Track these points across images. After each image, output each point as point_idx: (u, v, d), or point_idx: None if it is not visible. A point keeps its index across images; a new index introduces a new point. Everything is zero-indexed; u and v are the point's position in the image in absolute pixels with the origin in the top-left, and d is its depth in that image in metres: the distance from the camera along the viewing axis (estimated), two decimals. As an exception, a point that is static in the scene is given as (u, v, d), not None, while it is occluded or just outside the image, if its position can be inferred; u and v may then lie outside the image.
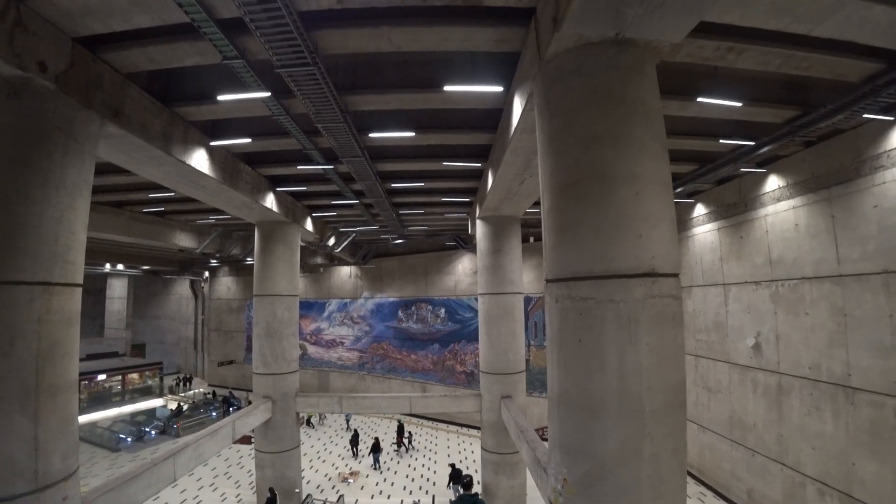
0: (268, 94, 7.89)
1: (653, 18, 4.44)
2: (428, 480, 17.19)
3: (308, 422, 24.80)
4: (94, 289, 42.25)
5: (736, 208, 14.11)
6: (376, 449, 19.13)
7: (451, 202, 16.71)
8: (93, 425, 24.62)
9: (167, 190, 14.38)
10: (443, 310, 25.80)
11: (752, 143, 10.47)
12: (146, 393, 31.47)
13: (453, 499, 15.31)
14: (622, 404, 4.47)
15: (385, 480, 17.38)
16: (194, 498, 16.08)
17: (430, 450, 20.76)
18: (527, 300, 18.34)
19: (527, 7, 5.97)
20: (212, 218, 19.96)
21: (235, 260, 28.56)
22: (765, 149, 10.35)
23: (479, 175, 13.52)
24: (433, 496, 14.16)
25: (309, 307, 31.49)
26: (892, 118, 8.81)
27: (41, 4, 5.95)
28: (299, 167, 12.02)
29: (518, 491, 14.48)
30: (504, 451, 14.20)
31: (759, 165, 12.41)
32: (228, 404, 27.45)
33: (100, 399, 28.77)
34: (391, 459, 19.70)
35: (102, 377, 29.51)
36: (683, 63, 7.26)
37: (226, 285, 36.17)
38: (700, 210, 15.87)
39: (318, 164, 11.46)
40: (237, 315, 35.04)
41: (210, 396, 30.40)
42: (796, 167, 11.62)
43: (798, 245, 11.63)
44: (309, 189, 14.63)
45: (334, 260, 28.99)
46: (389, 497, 15.89)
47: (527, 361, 15.72)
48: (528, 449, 9.82)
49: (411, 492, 16.16)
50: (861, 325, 9.82)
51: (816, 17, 5.79)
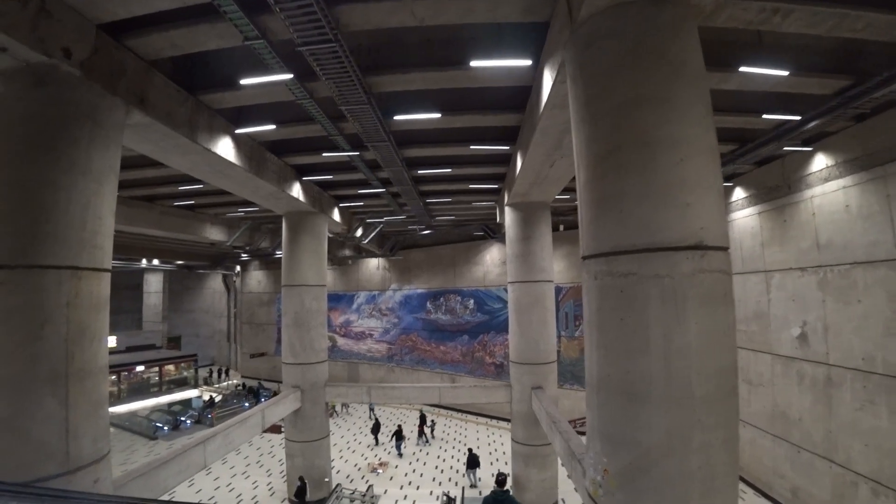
0: (290, 76, 7.75)
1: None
2: (458, 472, 17.00)
3: (332, 410, 24.96)
4: (132, 284, 43.60)
5: (779, 191, 13.36)
6: (399, 436, 19.37)
7: (479, 189, 16.39)
8: (132, 414, 25.49)
9: (196, 182, 14.55)
10: (471, 301, 25.51)
11: (798, 118, 9.80)
12: (182, 384, 32.51)
13: (470, 482, 15.84)
14: (669, 389, 4.13)
15: (414, 471, 17.29)
16: (227, 485, 16.32)
17: (461, 441, 20.58)
18: (557, 290, 17.91)
19: (557, -30, 5.63)
20: (240, 211, 20.16)
21: (265, 253, 28.90)
22: (812, 123, 9.66)
23: (507, 160, 13.17)
24: (463, 487, 13.97)
25: (338, 300, 31.67)
26: (959, 85, 8.08)
27: (64, -10, 5.94)
28: (325, 154, 11.88)
29: (549, 484, 14.15)
30: (535, 443, 13.89)
31: (805, 143, 11.68)
32: (255, 395, 28.08)
33: (138, 389, 29.83)
34: (419, 449, 19.61)
35: (140, 368, 30.61)
36: (724, 29, 6.75)
37: (256, 279, 36.80)
38: (739, 194, 15.13)
39: (344, 151, 11.32)
40: (268, 308, 35.56)
41: (240, 388, 31.01)
42: (846, 144, 10.87)
43: (849, 228, 10.89)
44: (335, 178, 14.54)
45: (362, 252, 29.03)
46: (419, 488, 15.79)
47: (557, 353, 15.32)
48: (562, 440, 9.49)
49: (440, 483, 16.02)
50: (922, 313, 9.13)
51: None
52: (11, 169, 6.21)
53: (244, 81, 8.11)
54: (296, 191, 13.82)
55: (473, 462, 16.15)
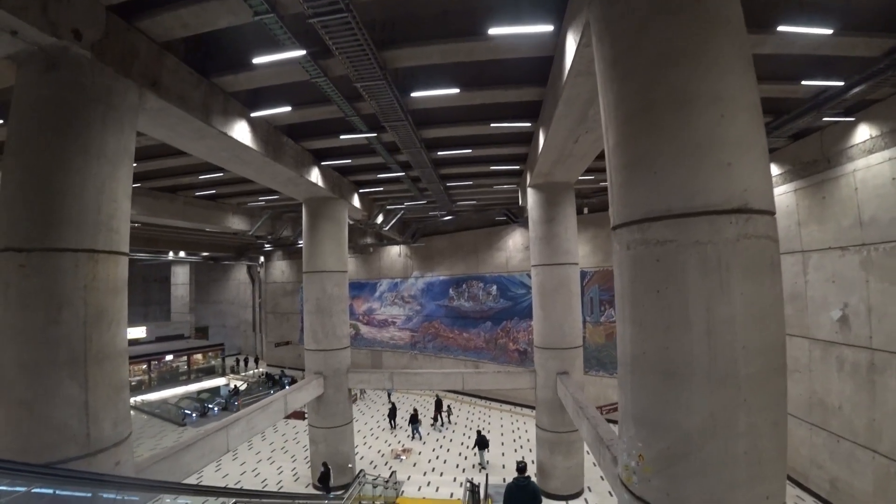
0: (303, 53, 7.52)
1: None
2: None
3: (355, 396, 25.13)
4: (160, 277, 44.65)
5: (816, 166, 12.63)
6: (414, 420, 19.77)
7: (500, 171, 16.02)
8: (162, 402, 26.25)
9: (216, 171, 14.56)
10: (494, 287, 25.19)
11: (842, 84, 9.17)
12: (209, 372, 33.20)
13: (480, 463, 16.19)
14: (712, 367, 3.79)
15: (438, 458, 17.20)
16: (252, 470, 16.51)
17: (484, 429, 20.32)
18: (582, 275, 17.49)
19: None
20: (261, 199, 20.22)
21: (287, 243, 29.09)
22: (856, 89, 8.98)
23: (529, 139, 12.77)
24: (486, 474, 13.80)
25: (360, 288, 31.74)
26: None
27: (72, -30, 5.83)
28: (342, 137, 11.68)
29: (575, 471, 13.89)
30: (560, 430, 13.63)
31: (847, 113, 10.96)
32: (274, 383, 28.74)
33: (168, 378, 30.60)
34: (442, 436, 19.52)
35: (169, 358, 31.33)
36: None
37: (280, 269, 37.17)
38: (773, 171, 14.41)
39: (361, 133, 11.10)
40: (291, 297, 35.88)
41: (263, 377, 31.57)
42: (893, 112, 10.15)
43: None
44: (354, 163, 14.36)
45: (383, 240, 28.95)
46: (442, 474, 15.69)
47: (582, 339, 14.97)
48: (589, 426, 9.18)
49: (464, 469, 15.88)
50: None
51: None
52: (26, 153, 6.21)
53: (257, 60, 7.93)
54: (314, 176, 13.68)
55: (483, 443, 16.40)
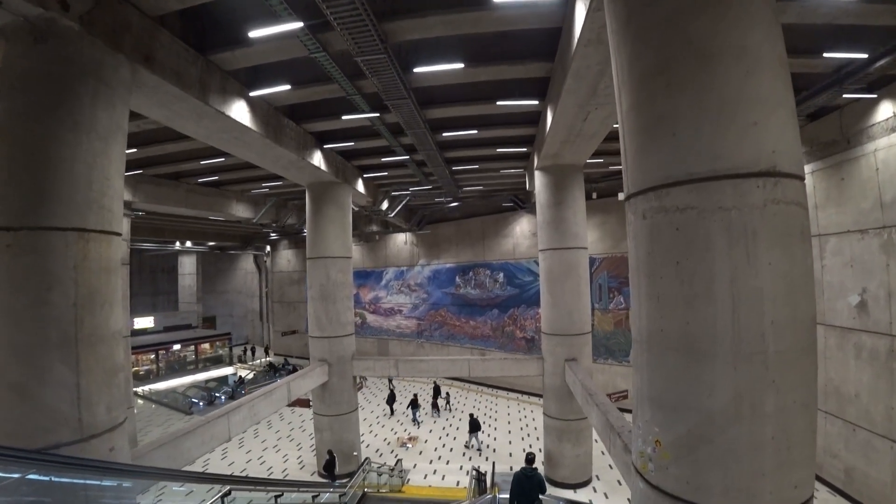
0: (300, 25, 7.22)
1: None
2: (488, 447, 16.68)
3: (360, 384, 25.11)
4: (168, 267, 44.75)
5: (835, 146, 12.16)
6: (414, 405, 19.97)
7: (507, 155, 15.66)
8: (170, 391, 26.38)
9: (218, 155, 14.33)
10: (501, 274, 24.89)
11: (865, 57, 8.72)
12: (217, 362, 33.31)
13: (473, 445, 16.49)
14: (738, 344, 3.48)
15: (444, 446, 17.05)
16: (258, 458, 16.46)
17: (491, 417, 20.25)
18: (590, 261, 17.11)
19: None
20: (265, 186, 20.00)
21: (292, 231, 28.94)
22: (881, 62, 8.51)
23: (536, 120, 12.40)
24: (493, 462, 13.58)
25: (366, 276, 31.57)
26: None
27: (55, -66, 5.56)
28: (344, 118, 11.36)
29: (583, 459, 13.65)
30: (568, 418, 13.38)
31: (868, 89, 10.49)
32: (276, 371, 28.82)
33: (176, 367, 30.71)
34: (448, 424, 19.37)
35: (177, 347, 31.42)
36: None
37: (286, 258, 37.09)
38: (790, 152, 13.93)
39: (364, 113, 10.79)
40: (298, 286, 35.80)
41: (266, 366, 31.68)
42: (918, 87, 9.70)
43: (920, 183, 9.79)
44: (357, 146, 14.06)
45: (389, 227, 28.69)
46: (448, 462, 15.54)
47: (591, 326, 14.65)
48: (599, 413, 8.92)
49: (470, 458, 15.72)
50: None
51: None
52: (15, 128, 5.97)
53: (253, 34, 7.67)
54: (317, 159, 13.40)
55: (475, 426, 16.56)
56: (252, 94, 9.99)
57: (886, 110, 10.49)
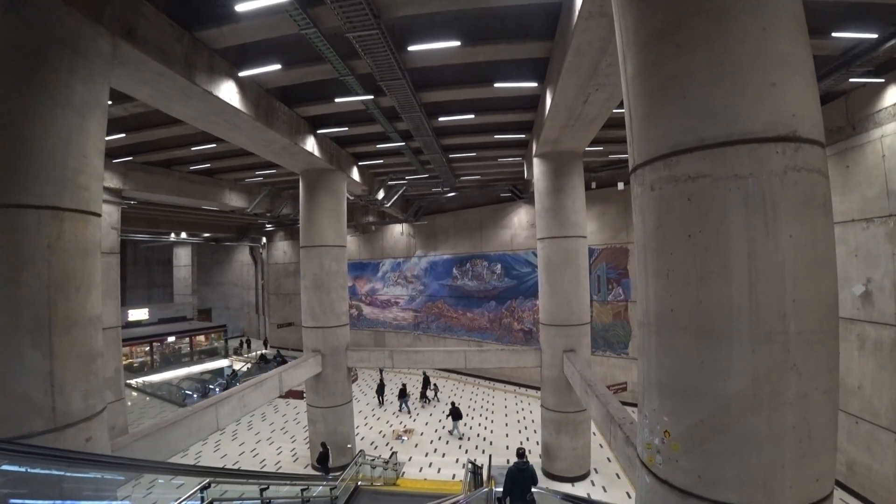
0: (289, -2, 6.88)
1: None
2: (485, 440, 16.47)
3: (355, 375, 24.88)
4: (163, 259, 44.40)
5: (841, 133, 11.85)
6: (403, 395, 20.30)
7: (505, 141, 15.32)
8: (164, 383, 26.14)
9: (209, 141, 13.97)
10: (499, 265, 24.59)
11: (875, 37, 8.41)
12: (212, 354, 33.04)
13: (455, 433, 16.90)
14: (756, 324, 3.19)
15: (440, 439, 16.82)
16: (251, 451, 16.18)
17: (488, 409, 20.02)
18: (589, 252, 16.83)
19: None
20: (259, 174, 19.63)
21: (287, 221, 28.54)
22: (892, 41, 8.22)
23: (535, 105, 12.06)
24: (490, 455, 13.35)
25: (363, 268, 31.26)
26: None
27: None
28: (338, 100, 11.00)
29: (581, 452, 13.42)
30: (566, 410, 13.14)
31: (876, 73, 10.18)
32: (266, 363, 28.51)
33: (171, 360, 30.43)
34: (444, 415, 19.11)
35: (171, 339, 31.10)
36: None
37: (282, 250, 36.75)
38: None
39: (358, 95, 10.44)
40: (294, 278, 35.45)
41: (256, 358, 31.32)
42: (928, 71, 9.39)
43: (927, 169, 9.50)
44: (351, 132, 13.70)
45: (386, 218, 28.32)
46: (444, 455, 15.30)
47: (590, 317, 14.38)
48: (598, 404, 8.65)
49: (467, 451, 15.48)
50: None
51: None
52: (-14, 101, 5.63)
53: (240, 7, 7.30)
54: (310, 145, 13.04)
55: (456, 414, 16.98)
56: (241, 75, 9.64)
57: (893, 95, 10.20)
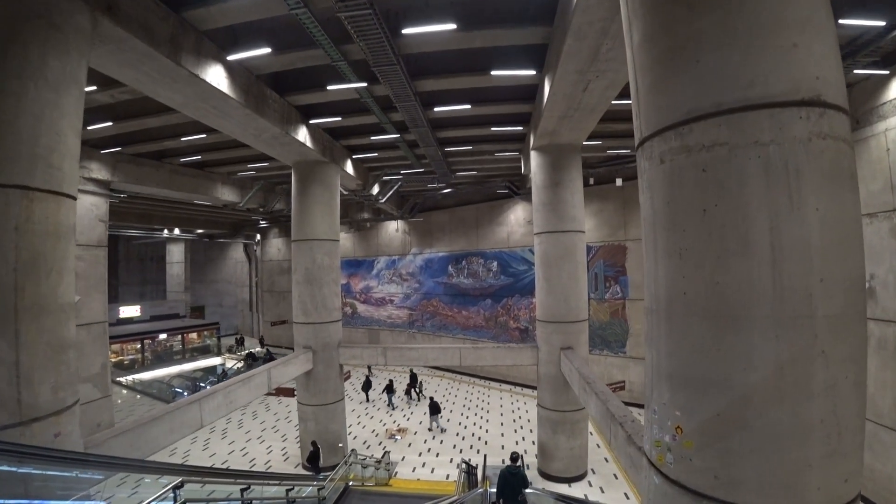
0: (278, -28, 6.55)
1: None
2: (480, 440, 16.15)
3: (348, 372, 24.58)
4: (156, 256, 43.91)
5: (845, 127, 11.63)
6: (389, 390, 20.59)
7: (502, 135, 15.01)
8: (155, 380, 25.77)
9: (200, 131, 13.63)
10: (495, 263, 24.27)
11: (883, 24, 8.18)
12: (205, 352, 32.56)
13: (435, 427, 17.07)
14: (780, 306, 2.88)
15: (434, 438, 16.48)
16: (241, 450, 15.82)
17: (483, 409, 19.70)
18: (587, 250, 16.54)
19: None
20: (251, 168, 19.25)
21: (281, 217, 28.14)
22: (901, 29, 8.01)
23: (533, 96, 11.77)
24: (484, 455, 13.05)
25: (357, 265, 30.90)
26: None
27: None
28: (330, 88, 10.67)
29: (579, 452, 13.12)
30: (564, 409, 12.84)
31: (882, 63, 9.95)
32: (254, 360, 28.18)
33: (162, 357, 29.96)
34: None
35: (163, 336, 30.62)
36: None
37: (276, 247, 36.35)
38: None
39: (351, 82, 10.12)
40: (288, 276, 34.83)
41: (244, 355, 30.89)
42: (934, 63, 9.16)
43: (933, 162, 9.27)
44: (345, 122, 13.36)
45: (381, 214, 27.96)
46: (438, 455, 14.97)
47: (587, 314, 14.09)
48: (598, 401, 8.35)
49: (461, 450, 15.17)
50: None
51: None
52: (-48, 74, 5.31)
53: (227, -17, 6.97)
54: (302, 135, 12.69)
55: (435, 409, 17.32)
56: (230, 58, 9.30)
57: (900, 88, 9.96)
